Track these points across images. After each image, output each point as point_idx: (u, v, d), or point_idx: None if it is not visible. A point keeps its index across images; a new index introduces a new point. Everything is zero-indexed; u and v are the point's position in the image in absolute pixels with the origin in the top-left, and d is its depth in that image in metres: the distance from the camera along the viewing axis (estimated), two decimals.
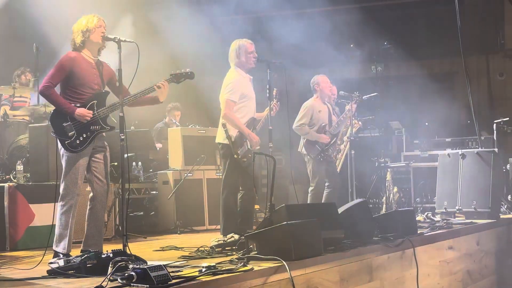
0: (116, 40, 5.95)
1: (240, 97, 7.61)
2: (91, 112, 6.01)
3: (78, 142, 5.98)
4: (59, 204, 6.05)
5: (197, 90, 12.80)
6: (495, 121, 10.48)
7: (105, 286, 4.32)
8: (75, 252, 5.95)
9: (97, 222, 6.19)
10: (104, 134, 6.22)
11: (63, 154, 6.06)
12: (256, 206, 10.25)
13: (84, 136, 6.01)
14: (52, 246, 6.09)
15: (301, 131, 9.30)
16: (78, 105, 6.01)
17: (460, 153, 9.16)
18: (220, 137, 7.69)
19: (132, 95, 6.15)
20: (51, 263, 5.25)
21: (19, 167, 8.18)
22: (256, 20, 12.85)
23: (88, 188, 6.23)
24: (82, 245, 6.17)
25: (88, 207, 6.19)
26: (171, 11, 11.19)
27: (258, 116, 7.92)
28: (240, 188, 7.69)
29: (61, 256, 5.92)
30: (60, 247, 6.00)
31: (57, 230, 6.06)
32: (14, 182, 8.01)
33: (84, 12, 6.24)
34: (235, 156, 7.52)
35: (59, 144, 6.04)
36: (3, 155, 9.10)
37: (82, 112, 5.96)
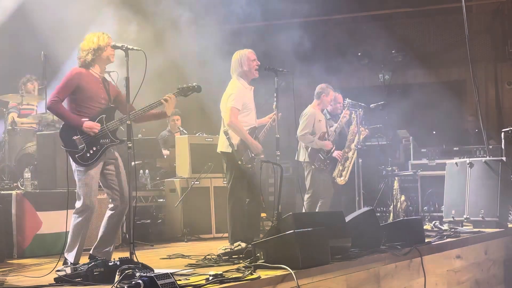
0: (124, 48, 5.99)
1: (242, 106, 7.60)
2: (98, 124, 6.04)
3: (88, 155, 6.01)
4: (73, 215, 6.08)
5: (204, 98, 12.81)
6: (503, 130, 10.45)
7: None
8: (84, 259, 5.96)
9: (112, 231, 6.21)
10: (112, 148, 6.23)
11: (75, 169, 6.08)
12: (263, 214, 10.26)
13: (94, 149, 6.03)
14: (58, 254, 6.11)
15: (306, 140, 9.32)
16: (86, 119, 6.03)
17: (468, 161, 9.13)
18: (223, 146, 7.65)
19: (139, 109, 6.16)
20: (58, 270, 5.26)
21: (27, 174, 8.20)
22: (263, 29, 12.88)
23: (102, 196, 6.23)
24: (91, 250, 6.17)
25: (106, 215, 6.20)
26: (177, 19, 11.21)
27: (260, 122, 7.91)
28: (246, 196, 7.67)
29: (69, 264, 5.94)
30: (70, 256, 6.04)
31: (69, 239, 6.11)
32: (22, 189, 8.03)
33: (89, 19, 6.29)
34: (240, 163, 7.50)
35: (70, 159, 6.07)
36: (11, 162, 9.13)
37: (90, 125, 5.99)
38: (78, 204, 6.05)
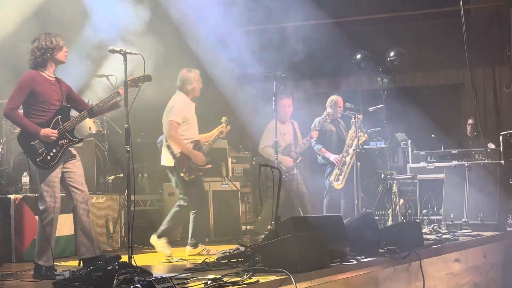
0: (122, 52, 6.00)
1: (182, 120, 7.86)
2: (56, 132, 6.14)
3: (49, 158, 6.13)
4: (39, 219, 6.19)
5: (203, 101, 12.80)
6: (502, 133, 10.46)
7: None
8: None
9: (85, 229, 6.31)
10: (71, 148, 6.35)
11: (35, 172, 6.20)
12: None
13: (54, 151, 6.16)
14: (57, 258, 6.12)
15: (265, 153, 9.40)
16: (42, 121, 6.14)
17: (466, 165, 9.14)
18: (166, 160, 7.97)
19: (96, 104, 6.37)
20: (57, 275, 5.26)
21: (25, 178, 8.19)
22: (261, 32, 12.88)
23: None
24: (76, 255, 6.22)
25: (73, 219, 6.32)
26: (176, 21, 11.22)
27: (204, 138, 8.21)
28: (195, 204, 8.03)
29: (44, 269, 6.05)
30: (43, 260, 6.09)
31: (38, 244, 6.19)
32: (20, 193, 8.02)
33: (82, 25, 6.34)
34: (181, 174, 7.82)
35: (30, 163, 6.17)
36: (9, 166, 9.11)
37: (47, 133, 6.10)
38: (41, 206, 6.17)
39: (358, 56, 14.26)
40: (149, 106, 8.65)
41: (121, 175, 9.42)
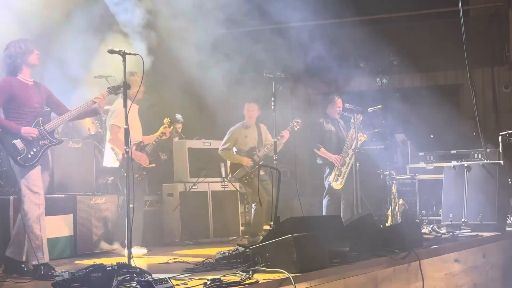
0: (121, 53, 6.02)
1: (123, 124, 7.86)
2: (36, 130, 6.22)
3: (29, 157, 6.20)
4: (25, 218, 6.18)
5: (202, 103, 12.82)
6: (501, 133, 10.46)
7: None
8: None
9: (28, 233, 6.28)
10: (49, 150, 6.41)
11: (18, 172, 6.26)
12: None
13: (35, 150, 6.23)
14: (56, 259, 6.12)
15: (224, 155, 9.51)
16: (23, 123, 6.21)
17: (465, 165, 9.14)
18: (109, 161, 8.08)
19: (75, 109, 6.41)
20: (56, 275, 5.25)
21: None
22: (260, 33, 12.89)
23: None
24: (6, 251, 6.34)
25: (19, 218, 6.31)
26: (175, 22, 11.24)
27: (148, 139, 8.40)
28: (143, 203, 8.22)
29: (42, 268, 6.08)
30: (37, 259, 6.11)
31: (32, 243, 6.16)
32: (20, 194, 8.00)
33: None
34: (125, 174, 7.75)
35: (11, 162, 6.24)
36: (9, 167, 9.10)
37: (27, 131, 6.19)
38: (24, 205, 6.20)
39: (358, 57, 14.30)
40: (148, 106, 8.65)
41: None
